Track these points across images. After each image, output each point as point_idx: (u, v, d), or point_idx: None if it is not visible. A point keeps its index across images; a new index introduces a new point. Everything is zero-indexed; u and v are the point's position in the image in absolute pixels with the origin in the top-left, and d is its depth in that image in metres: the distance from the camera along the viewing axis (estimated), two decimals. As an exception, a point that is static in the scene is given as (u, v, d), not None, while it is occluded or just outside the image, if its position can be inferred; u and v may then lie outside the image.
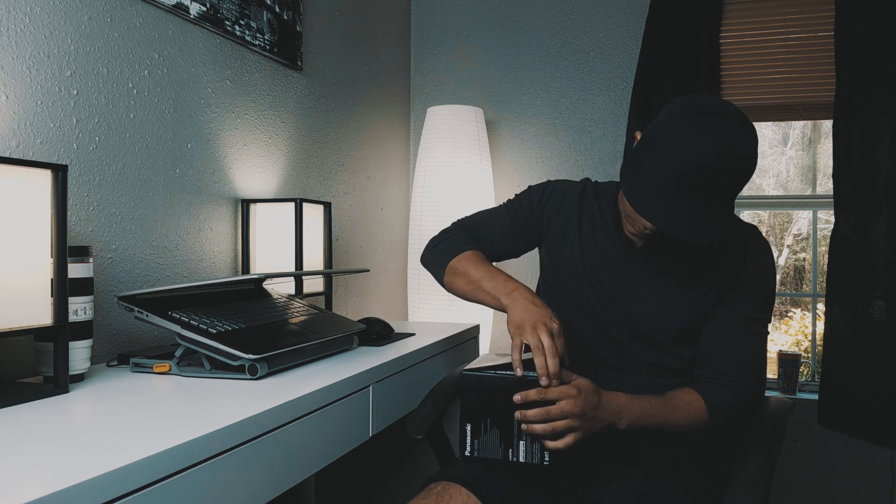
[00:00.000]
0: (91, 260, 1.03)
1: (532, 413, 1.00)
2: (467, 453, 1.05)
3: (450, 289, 1.29)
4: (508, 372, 1.04)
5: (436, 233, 1.38)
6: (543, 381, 1.00)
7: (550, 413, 0.99)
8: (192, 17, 1.44)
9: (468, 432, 1.05)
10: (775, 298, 1.21)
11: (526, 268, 2.40)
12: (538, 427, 0.99)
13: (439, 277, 1.31)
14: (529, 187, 1.35)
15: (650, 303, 1.18)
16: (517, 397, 1.01)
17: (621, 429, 1.06)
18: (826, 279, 2.14)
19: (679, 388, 1.16)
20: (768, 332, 1.19)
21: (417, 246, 2.33)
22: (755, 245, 1.18)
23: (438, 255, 1.31)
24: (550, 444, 1.00)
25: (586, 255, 1.25)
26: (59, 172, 0.91)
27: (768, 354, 1.22)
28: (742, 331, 1.15)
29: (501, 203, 1.38)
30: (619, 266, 1.22)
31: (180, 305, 1.10)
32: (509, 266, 2.24)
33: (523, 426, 1.01)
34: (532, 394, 1.00)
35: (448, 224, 1.40)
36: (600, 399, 1.04)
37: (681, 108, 1.03)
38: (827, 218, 2.46)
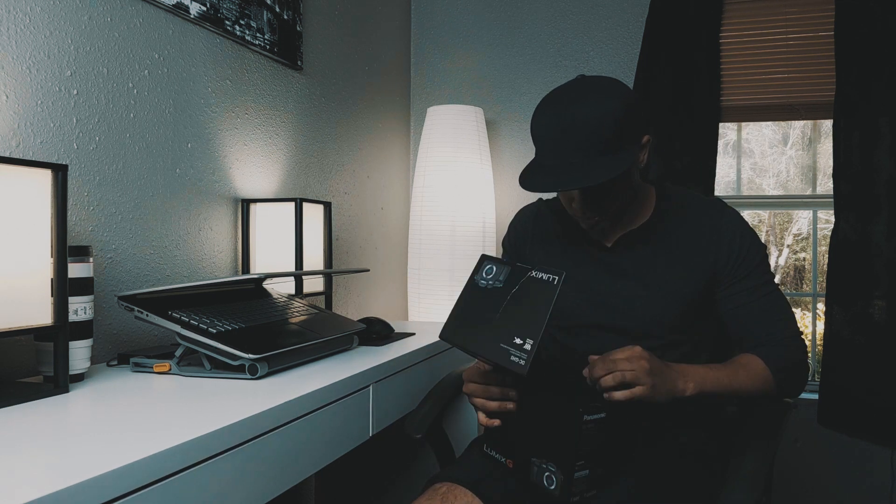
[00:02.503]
0: (91, 260, 1.03)
1: (600, 365, 0.98)
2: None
3: None
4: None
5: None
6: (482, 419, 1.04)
7: (614, 358, 0.98)
8: (192, 16, 1.44)
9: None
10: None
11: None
12: (608, 378, 0.96)
13: None
14: (502, 241, 1.43)
15: (639, 298, 1.19)
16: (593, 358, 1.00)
17: (689, 395, 1.03)
18: (826, 279, 2.14)
19: (736, 356, 1.16)
20: (777, 284, 1.21)
21: (417, 246, 2.33)
22: (726, 215, 1.20)
23: None
24: (617, 394, 0.97)
25: (567, 279, 1.26)
26: (59, 172, 0.91)
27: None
28: (761, 296, 1.17)
29: None
30: (595, 271, 1.23)
31: (180, 305, 1.10)
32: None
33: (593, 376, 0.98)
34: (592, 357, 1.01)
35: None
36: (659, 361, 1.03)
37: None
38: (827, 218, 2.46)
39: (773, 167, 3.06)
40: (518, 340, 0.94)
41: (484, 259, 1.05)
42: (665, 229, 1.21)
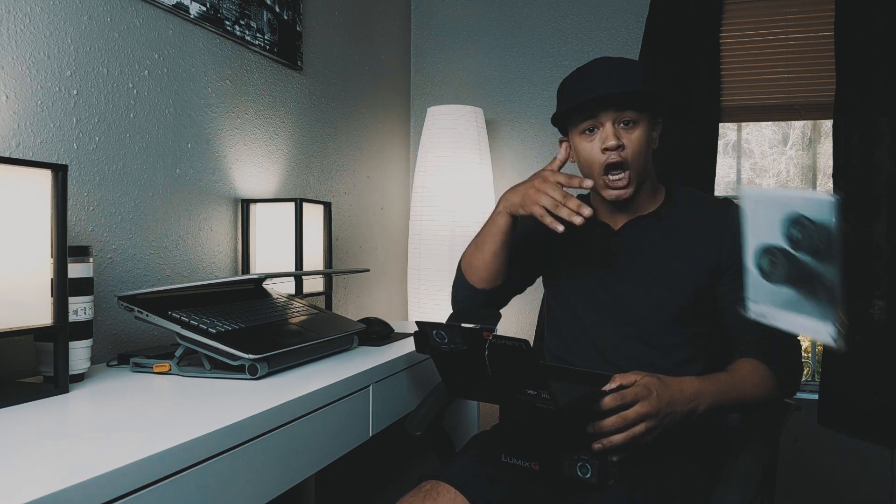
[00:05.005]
0: (91, 260, 1.03)
1: (609, 422, 0.98)
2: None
3: (473, 274, 1.30)
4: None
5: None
6: (577, 220, 1.06)
7: (628, 419, 0.98)
8: (192, 17, 1.44)
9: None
10: None
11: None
12: (618, 437, 0.98)
13: (463, 282, 1.33)
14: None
15: (643, 282, 1.21)
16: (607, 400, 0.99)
17: (701, 413, 1.05)
18: (826, 279, 2.13)
19: (736, 361, 1.17)
20: None
21: (417, 246, 2.33)
22: (734, 210, 1.22)
23: (455, 277, 1.39)
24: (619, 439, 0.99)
25: (569, 257, 1.29)
26: (59, 172, 0.91)
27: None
28: None
29: None
30: (600, 257, 1.26)
31: (180, 305, 1.10)
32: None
33: (596, 444, 0.99)
34: (608, 401, 0.98)
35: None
36: (672, 392, 1.03)
37: None
38: (827, 218, 2.46)
39: (773, 167, 3.06)
40: (532, 392, 0.94)
41: (424, 326, 1.03)
42: (673, 219, 1.24)
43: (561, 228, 1.08)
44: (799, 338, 1.19)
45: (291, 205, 1.59)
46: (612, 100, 1.17)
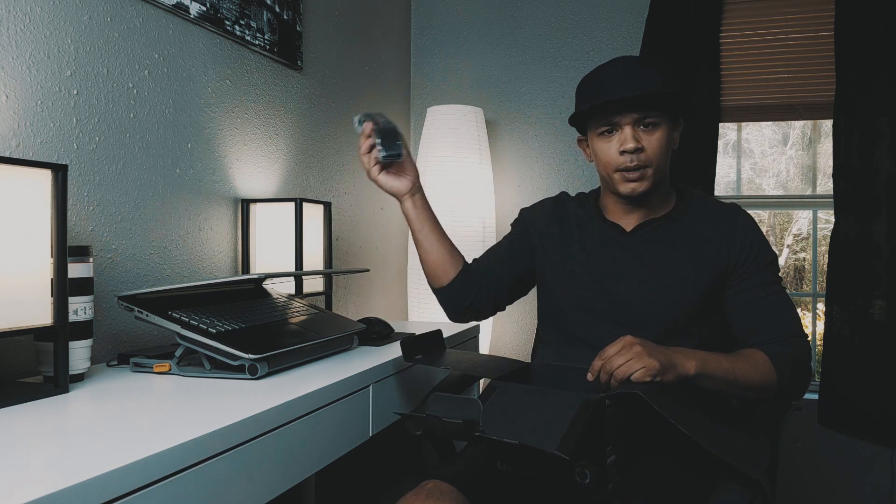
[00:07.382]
0: (91, 260, 1.03)
1: (595, 367, 1.02)
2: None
3: (426, 277, 1.42)
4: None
5: None
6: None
7: (607, 352, 1.02)
8: (192, 16, 1.44)
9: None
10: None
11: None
12: (621, 368, 1.00)
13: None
14: (515, 220, 1.45)
15: (652, 284, 1.21)
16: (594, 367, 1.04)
17: (692, 374, 1.05)
18: (826, 279, 2.14)
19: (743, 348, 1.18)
20: (785, 287, 1.23)
21: (417, 246, 2.33)
22: (741, 217, 1.25)
23: None
24: (636, 376, 1.00)
25: (578, 256, 1.29)
26: (59, 172, 0.91)
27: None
28: (767, 294, 1.19)
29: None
30: (611, 258, 1.25)
31: (180, 305, 1.10)
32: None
33: (606, 372, 1.02)
34: (595, 364, 1.03)
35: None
36: (649, 343, 1.05)
37: None
38: (827, 218, 2.46)
39: (773, 167, 3.06)
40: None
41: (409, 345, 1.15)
42: (683, 222, 1.25)
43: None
44: (808, 338, 1.19)
45: (291, 205, 1.59)
46: (633, 102, 1.16)
